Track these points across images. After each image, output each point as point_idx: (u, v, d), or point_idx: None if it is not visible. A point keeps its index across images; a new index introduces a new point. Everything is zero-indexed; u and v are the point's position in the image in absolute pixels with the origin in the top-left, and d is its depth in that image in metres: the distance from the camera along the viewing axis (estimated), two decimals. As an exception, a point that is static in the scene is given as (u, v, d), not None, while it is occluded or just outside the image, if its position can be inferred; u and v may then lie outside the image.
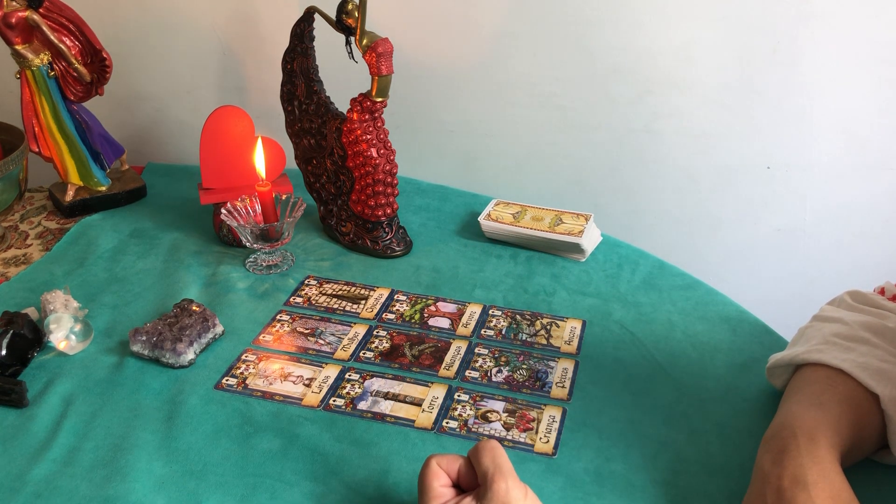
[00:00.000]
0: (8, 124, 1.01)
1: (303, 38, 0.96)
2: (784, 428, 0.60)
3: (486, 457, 0.56)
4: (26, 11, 0.96)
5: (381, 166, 0.94)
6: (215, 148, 0.97)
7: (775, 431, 0.61)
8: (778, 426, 0.61)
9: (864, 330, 0.67)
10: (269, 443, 0.68)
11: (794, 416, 0.61)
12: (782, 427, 0.60)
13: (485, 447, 0.56)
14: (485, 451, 0.56)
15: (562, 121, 1.16)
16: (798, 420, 0.60)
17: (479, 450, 0.57)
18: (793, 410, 0.62)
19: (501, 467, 0.55)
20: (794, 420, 0.60)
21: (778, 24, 1.03)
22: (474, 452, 0.57)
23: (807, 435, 0.58)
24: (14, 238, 1.02)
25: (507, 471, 0.54)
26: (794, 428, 0.59)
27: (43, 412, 0.71)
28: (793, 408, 0.63)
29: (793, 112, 1.09)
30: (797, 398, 0.64)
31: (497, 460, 0.55)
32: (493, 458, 0.55)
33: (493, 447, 0.56)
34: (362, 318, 0.86)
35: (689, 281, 0.93)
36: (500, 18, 1.10)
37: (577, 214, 1.01)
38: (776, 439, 0.60)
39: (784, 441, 0.59)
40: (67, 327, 0.80)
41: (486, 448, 0.56)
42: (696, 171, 1.16)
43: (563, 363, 0.79)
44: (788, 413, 0.62)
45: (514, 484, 0.54)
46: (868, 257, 1.17)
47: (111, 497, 0.62)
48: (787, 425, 0.60)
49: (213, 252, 0.99)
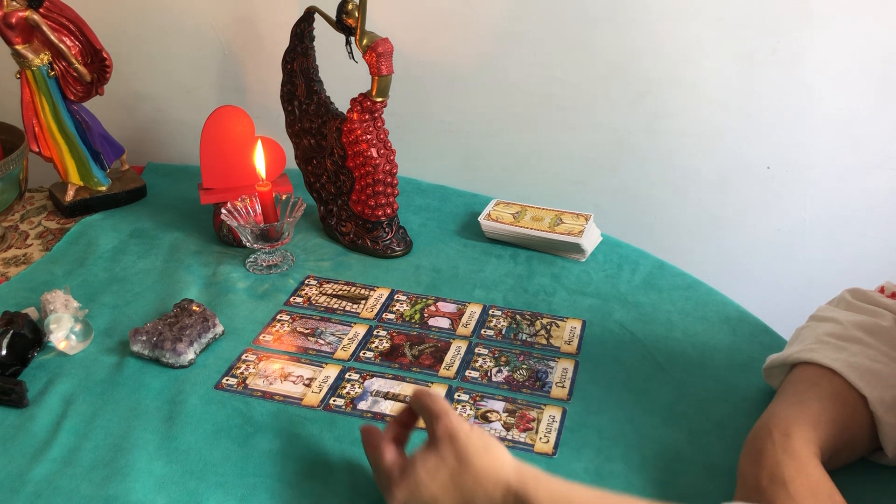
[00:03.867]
0: (8, 124, 1.01)
1: (303, 38, 0.96)
2: (762, 428, 0.61)
3: (422, 406, 0.59)
4: (26, 11, 0.96)
5: (381, 166, 0.94)
6: (215, 148, 0.97)
7: (754, 432, 0.61)
8: (757, 426, 0.62)
9: (858, 329, 0.67)
10: (269, 443, 0.68)
11: (772, 414, 0.62)
12: (760, 427, 0.61)
13: (419, 397, 0.59)
14: (420, 400, 0.59)
15: (562, 121, 1.16)
16: (775, 418, 0.61)
17: (420, 401, 0.59)
18: (772, 410, 0.63)
19: (439, 411, 0.57)
20: (772, 419, 0.61)
21: (778, 24, 1.03)
22: (416, 403, 0.60)
23: (782, 431, 0.58)
24: (14, 238, 1.02)
25: (444, 411, 0.57)
26: (770, 427, 0.60)
27: (43, 412, 0.71)
28: (773, 407, 0.63)
29: (793, 112, 1.09)
30: (780, 397, 0.65)
31: (434, 406, 0.58)
32: (430, 405, 0.58)
33: (426, 394, 0.59)
34: (362, 318, 0.86)
35: (689, 281, 0.93)
36: (500, 18, 1.10)
37: (577, 214, 1.01)
38: (754, 440, 0.60)
39: (761, 441, 0.59)
40: (67, 327, 0.80)
41: (419, 397, 0.59)
42: (696, 171, 1.16)
43: (563, 363, 0.79)
44: (768, 413, 0.63)
45: (456, 421, 0.56)
46: (868, 257, 1.17)
47: (111, 497, 0.62)
48: (765, 425, 0.61)
49: (213, 252, 0.99)
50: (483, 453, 0.55)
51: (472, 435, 0.55)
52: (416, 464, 0.56)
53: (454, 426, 0.55)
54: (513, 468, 0.54)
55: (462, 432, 0.55)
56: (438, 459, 0.55)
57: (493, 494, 0.53)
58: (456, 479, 0.54)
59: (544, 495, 0.52)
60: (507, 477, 0.53)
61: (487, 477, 0.53)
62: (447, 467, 0.54)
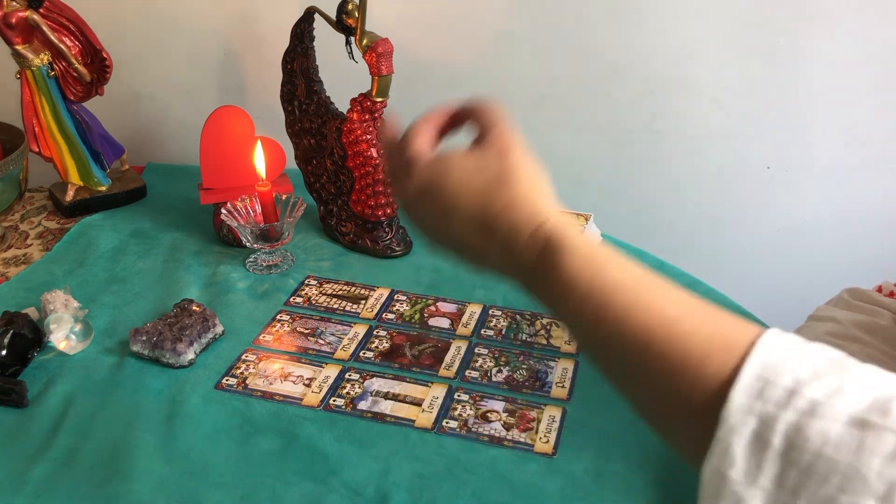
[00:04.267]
0: (8, 124, 1.01)
1: (303, 38, 0.96)
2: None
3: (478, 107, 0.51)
4: (26, 11, 0.96)
5: (382, 166, 0.94)
6: (215, 148, 0.97)
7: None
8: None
9: (857, 329, 0.67)
10: (269, 443, 0.68)
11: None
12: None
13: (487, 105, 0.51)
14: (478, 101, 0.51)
15: (562, 121, 1.16)
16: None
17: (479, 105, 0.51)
18: None
19: (498, 118, 0.49)
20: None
21: (778, 24, 1.03)
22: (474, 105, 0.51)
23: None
24: (14, 238, 1.02)
25: (504, 119, 0.49)
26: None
27: (43, 412, 0.71)
28: None
29: (793, 112, 1.09)
30: None
31: (493, 111, 0.50)
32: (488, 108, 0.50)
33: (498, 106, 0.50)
34: (362, 318, 0.86)
35: (689, 281, 0.93)
36: (499, 18, 1.10)
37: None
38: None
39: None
40: (67, 327, 0.79)
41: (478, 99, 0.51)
42: (696, 171, 1.15)
43: (563, 363, 0.79)
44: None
45: (514, 135, 0.49)
46: (868, 257, 1.17)
47: (111, 497, 0.62)
48: None
49: (213, 252, 0.99)
50: (531, 182, 0.48)
51: (526, 157, 0.48)
52: (454, 158, 0.48)
53: (510, 140, 0.48)
54: (555, 211, 0.47)
55: (517, 149, 0.48)
56: (481, 164, 0.47)
57: (521, 226, 0.46)
58: (490, 191, 0.47)
59: (579, 257, 0.43)
60: (547, 214, 0.46)
61: (525, 206, 0.46)
62: (485, 176, 0.47)
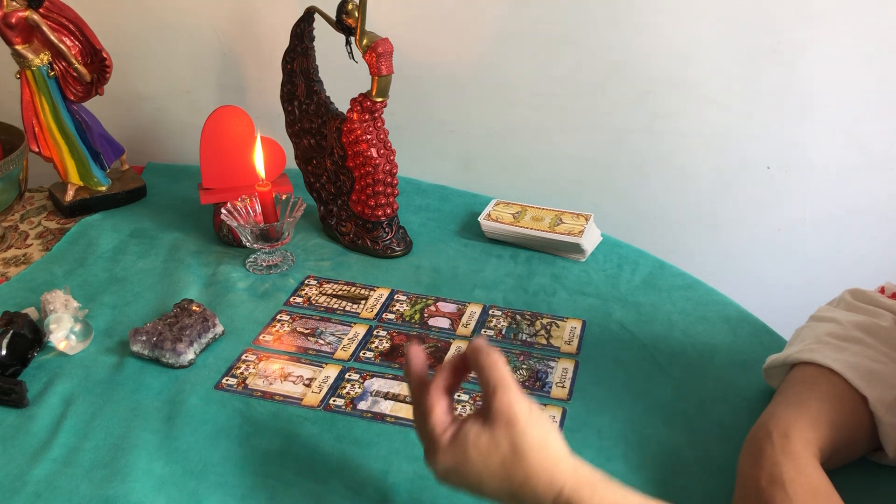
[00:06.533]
0: (8, 124, 1.01)
1: (303, 38, 0.96)
2: (760, 429, 0.61)
3: (479, 367, 0.53)
4: (26, 11, 0.96)
5: (381, 166, 0.94)
6: (215, 148, 0.97)
7: (753, 433, 0.61)
8: (756, 427, 0.62)
9: (858, 329, 0.67)
10: (269, 443, 0.68)
11: (770, 415, 0.62)
12: (759, 428, 0.61)
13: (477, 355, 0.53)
14: (477, 359, 0.53)
15: (562, 121, 1.16)
16: (774, 419, 0.61)
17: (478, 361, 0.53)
18: (771, 410, 0.63)
19: (497, 380, 0.52)
20: (770, 419, 0.61)
21: (778, 23, 1.03)
22: (474, 360, 0.53)
23: (781, 433, 0.58)
24: (14, 238, 1.02)
25: (503, 382, 0.52)
26: (769, 428, 0.60)
27: (43, 412, 0.71)
28: (772, 407, 0.63)
29: (793, 112, 1.09)
30: (780, 397, 0.65)
31: (493, 373, 0.52)
32: (489, 370, 0.52)
33: (484, 353, 0.53)
34: (362, 318, 0.86)
35: (689, 281, 0.93)
36: (499, 19, 1.10)
37: (577, 214, 1.01)
38: (753, 441, 0.60)
39: (760, 441, 0.59)
40: (67, 327, 0.79)
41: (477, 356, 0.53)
42: (696, 171, 1.15)
43: (563, 363, 0.79)
44: (767, 413, 0.63)
45: (516, 401, 0.51)
46: (868, 257, 1.17)
47: (111, 497, 0.62)
48: (764, 425, 0.61)
49: (213, 252, 0.99)
50: (541, 448, 0.50)
51: (531, 422, 0.51)
52: (468, 438, 0.51)
53: (514, 409, 0.51)
54: (570, 471, 0.50)
55: (521, 418, 0.51)
56: (492, 442, 0.51)
57: (543, 496, 0.49)
58: (508, 468, 0.50)
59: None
60: (563, 481, 0.49)
61: (541, 476, 0.50)
62: (500, 453, 0.50)
